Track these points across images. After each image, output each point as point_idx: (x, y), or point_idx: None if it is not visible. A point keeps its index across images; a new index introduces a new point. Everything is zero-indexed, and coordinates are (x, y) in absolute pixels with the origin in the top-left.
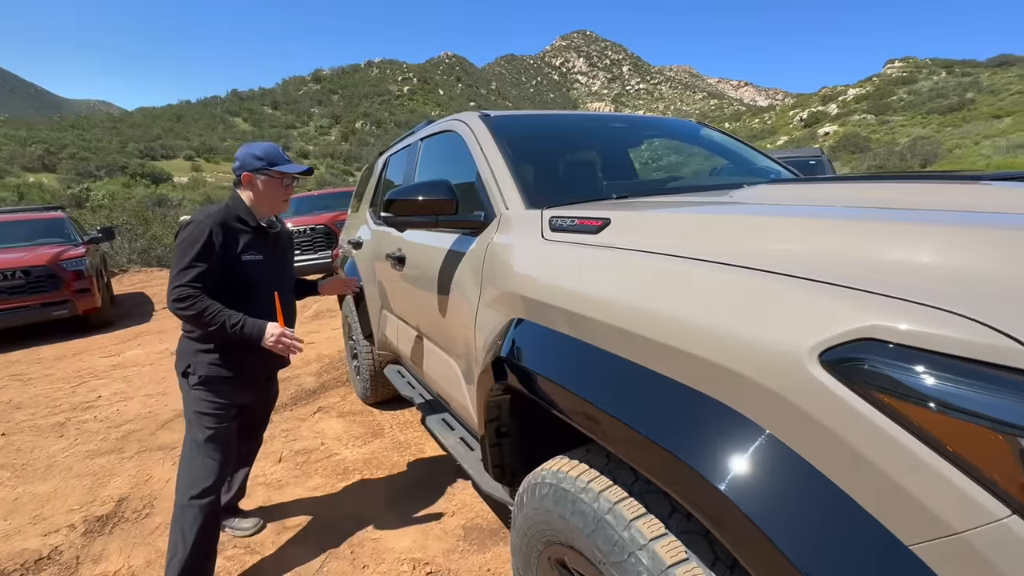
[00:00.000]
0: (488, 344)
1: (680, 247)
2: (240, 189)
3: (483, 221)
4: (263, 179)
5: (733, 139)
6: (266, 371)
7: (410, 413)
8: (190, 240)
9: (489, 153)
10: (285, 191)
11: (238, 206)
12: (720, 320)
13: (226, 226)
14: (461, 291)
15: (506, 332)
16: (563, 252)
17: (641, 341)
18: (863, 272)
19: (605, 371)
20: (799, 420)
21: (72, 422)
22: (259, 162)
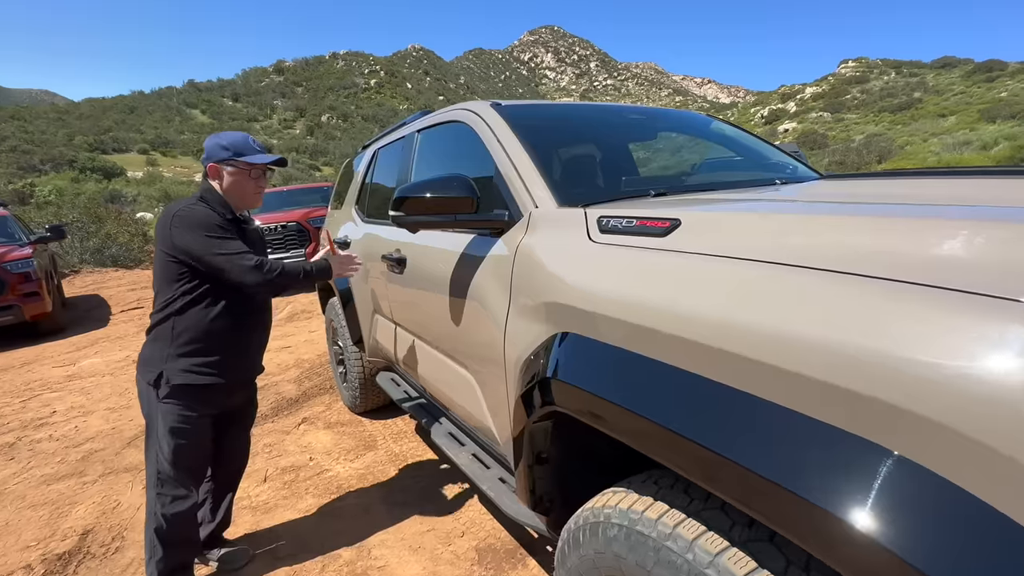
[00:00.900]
0: (523, 360)
1: (780, 252)
2: (211, 180)
3: (506, 220)
4: (230, 170)
5: (745, 133)
6: (248, 375)
7: (403, 422)
8: (204, 222)
9: (509, 146)
10: (255, 184)
11: (212, 197)
12: (863, 341)
13: (213, 214)
14: (481, 299)
15: (549, 348)
16: (622, 257)
17: (742, 363)
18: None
19: (697, 397)
20: (1004, 469)
21: (24, 442)
22: (225, 152)
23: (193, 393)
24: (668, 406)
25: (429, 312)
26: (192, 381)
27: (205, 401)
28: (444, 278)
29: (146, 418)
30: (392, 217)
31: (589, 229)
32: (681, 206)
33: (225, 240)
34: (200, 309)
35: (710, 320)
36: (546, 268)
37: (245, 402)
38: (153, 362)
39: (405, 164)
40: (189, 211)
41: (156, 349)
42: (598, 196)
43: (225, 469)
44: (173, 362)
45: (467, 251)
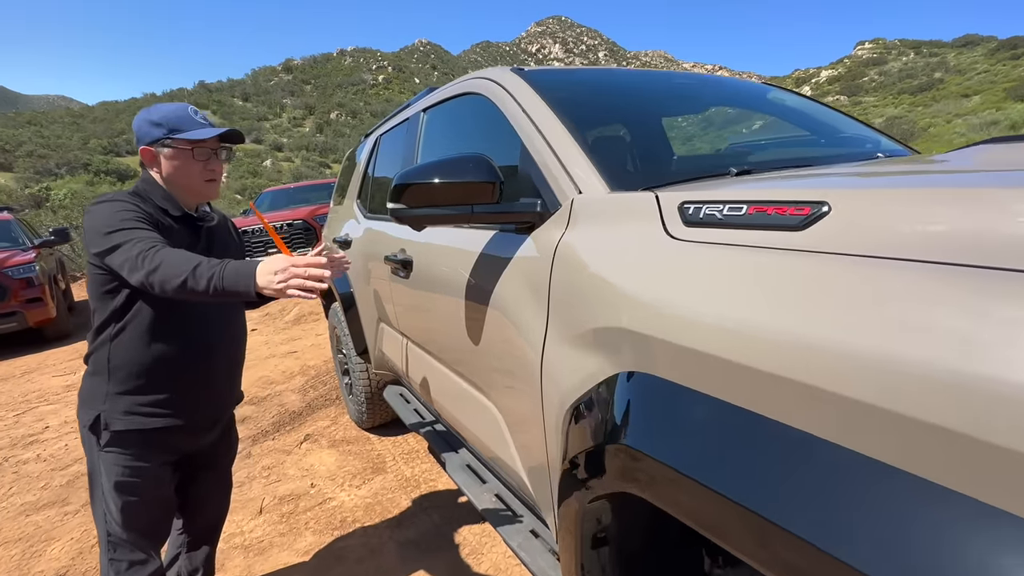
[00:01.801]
0: (569, 405)
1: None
2: (149, 170)
3: (538, 212)
4: (167, 152)
5: (812, 101)
6: (218, 411)
7: (415, 440)
8: (108, 215)
9: (540, 118)
10: (204, 168)
11: (152, 191)
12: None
13: (143, 210)
14: (508, 313)
15: (610, 394)
16: (729, 262)
17: (970, 447)
18: None
19: (892, 502)
20: None
21: (9, 463)
22: (157, 130)
23: (142, 439)
24: (834, 516)
25: (441, 325)
26: (139, 426)
27: (160, 447)
28: (457, 285)
29: (88, 467)
30: (391, 210)
31: (666, 220)
32: (813, 183)
33: (127, 231)
34: (141, 332)
35: (909, 371)
36: (601, 277)
37: (218, 441)
38: (91, 401)
39: (409, 150)
40: (96, 207)
41: (93, 385)
42: (660, 177)
43: (199, 522)
44: (113, 402)
45: (486, 252)
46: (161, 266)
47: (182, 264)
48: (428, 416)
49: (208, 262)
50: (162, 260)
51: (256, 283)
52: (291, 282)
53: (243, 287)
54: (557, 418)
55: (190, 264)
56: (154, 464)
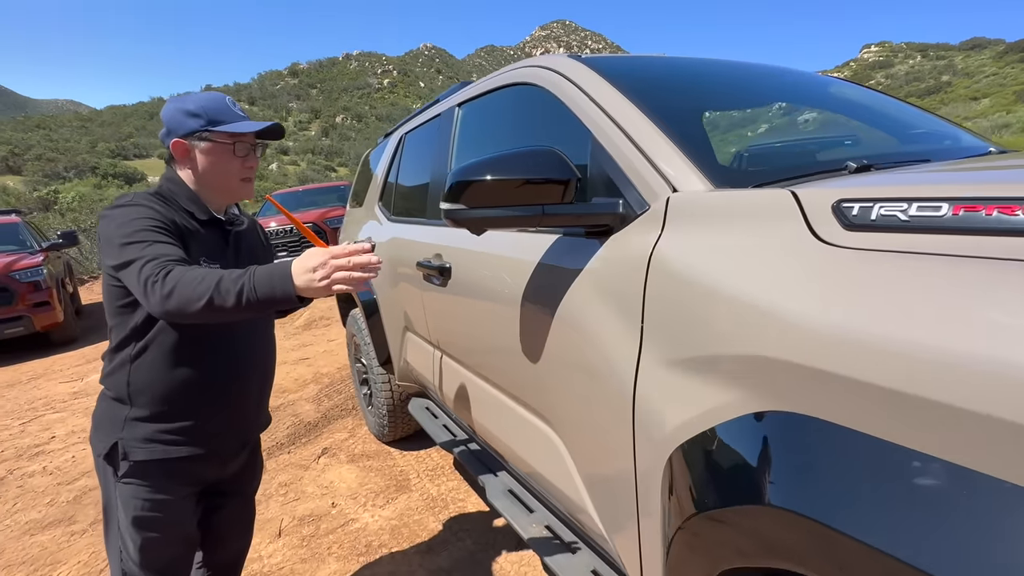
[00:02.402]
0: (679, 447)
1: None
2: (176, 167)
3: (621, 213)
4: (204, 146)
5: (886, 96)
6: (244, 437)
7: (438, 454)
8: (125, 222)
9: (616, 108)
10: (243, 164)
11: (177, 192)
12: None
13: (165, 213)
14: (579, 330)
15: (746, 436)
16: (930, 277)
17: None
18: None
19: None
20: None
21: (14, 476)
22: (195, 120)
23: (164, 470)
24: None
25: (486, 339)
26: (161, 455)
27: (183, 478)
28: (508, 296)
29: (103, 499)
30: (446, 212)
31: (813, 223)
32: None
33: (139, 245)
34: (165, 352)
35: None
36: (724, 292)
37: (243, 468)
38: (106, 427)
39: (442, 148)
40: (111, 212)
41: (111, 409)
42: (767, 173)
43: (220, 555)
44: (133, 428)
45: (546, 259)
46: (176, 290)
47: (201, 282)
48: (460, 433)
49: (230, 273)
50: (176, 283)
51: (294, 284)
52: (335, 276)
53: (280, 292)
54: (655, 460)
55: (211, 280)
56: (176, 497)
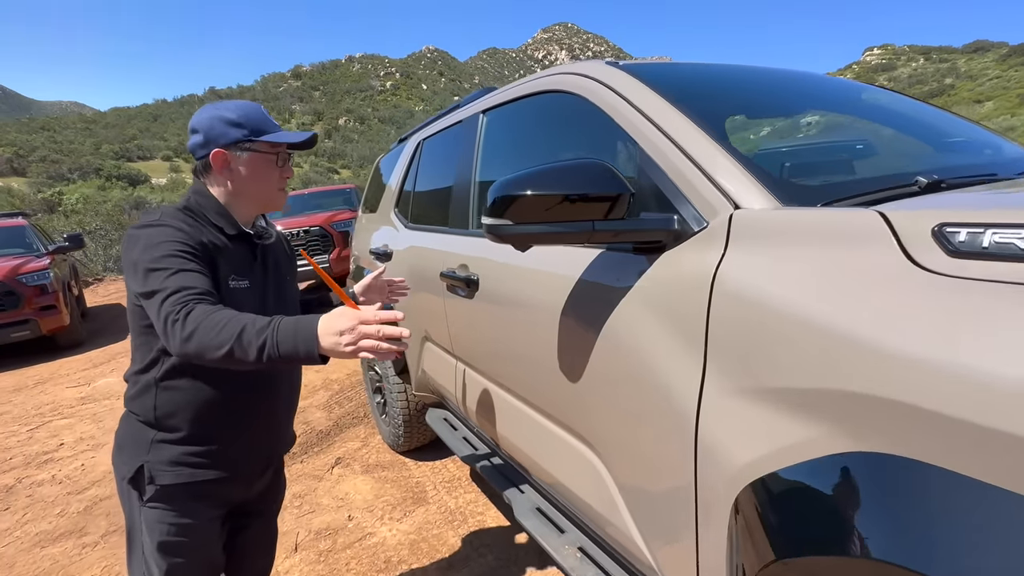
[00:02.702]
0: (741, 480)
1: None
2: (206, 179)
3: (676, 230)
4: (246, 157)
5: (921, 103)
6: (269, 459)
7: (454, 465)
8: (150, 246)
9: (667, 119)
10: (281, 174)
11: (206, 206)
12: None
13: (193, 231)
14: (630, 352)
15: (834, 476)
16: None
17: None
18: None
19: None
20: None
21: (23, 485)
22: (237, 131)
23: (191, 493)
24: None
25: (518, 355)
26: (188, 478)
27: (210, 501)
28: (545, 312)
29: (127, 523)
30: (489, 227)
31: (908, 247)
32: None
33: (162, 274)
34: (192, 373)
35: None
36: (807, 320)
37: (267, 488)
38: (131, 449)
39: (466, 155)
40: (138, 232)
41: (135, 431)
42: (839, 189)
43: (245, 574)
44: (158, 451)
45: (589, 276)
46: (196, 334)
47: (223, 329)
48: (480, 446)
49: (254, 323)
50: (196, 325)
51: (319, 345)
52: (362, 344)
53: (304, 352)
54: (721, 496)
55: (233, 328)
56: (203, 520)
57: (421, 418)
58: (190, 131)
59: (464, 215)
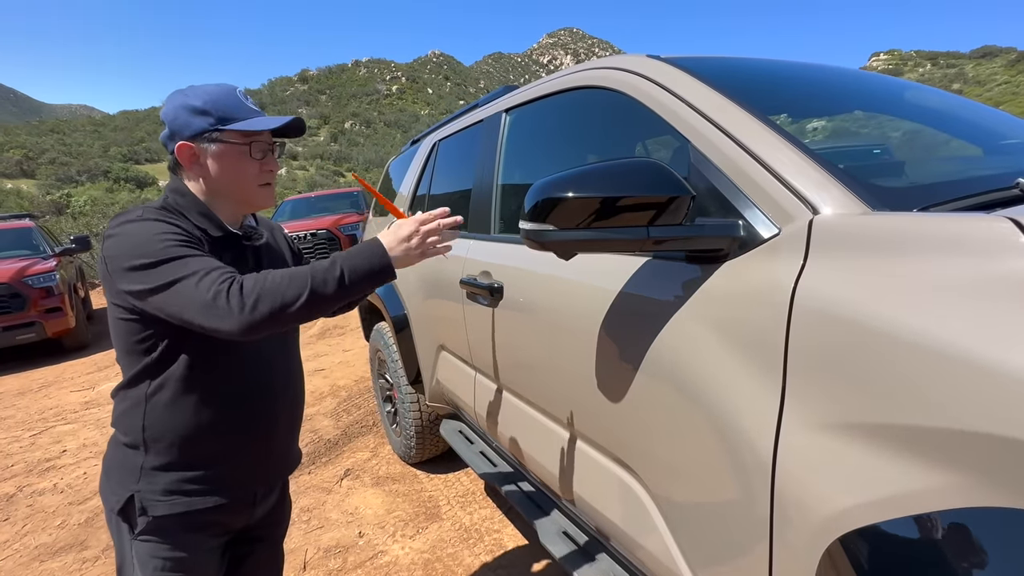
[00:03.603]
0: (835, 529)
1: None
2: (183, 175)
3: (741, 236)
4: (216, 149)
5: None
6: (272, 479)
7: (467, 477)
8: (140, 240)
9: (724, 114)
10: (261, 168)
11: (185, 205)
12: None
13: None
14: (686, 374)
15: (957, 538)
16: None
17: None
18: None
19: None
20: None
21: (24, 494)
22: (202, 119)
23: (187, 523)
24: None
25: (546, 369)
26: (184, 508)
27: (207, 531)
28: (582, 325)
29: (117, 557)
30: (528, 233)
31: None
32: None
33: (183, 260)
34: (185, 389)
35: None
36: (937, 348)
37: (272, 511)
38: (119, 477)
39: (487, 156)
40: (122, 229)
41: (123, 457)
42: (931, 192)
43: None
44: (150, 479)
45: (634, 287)
46: (263, 298)
47: (290, 282)
48: (499, 461)
49: (316, 266)
50: (259, 292)
51: (392, 260)
52: (430, 241)
53: (379, 266)
54: (806, 546)
55: (302, 277)
56: (201, 552)
57: (434, 429)
58: (161, 119)
59: (485, 219)
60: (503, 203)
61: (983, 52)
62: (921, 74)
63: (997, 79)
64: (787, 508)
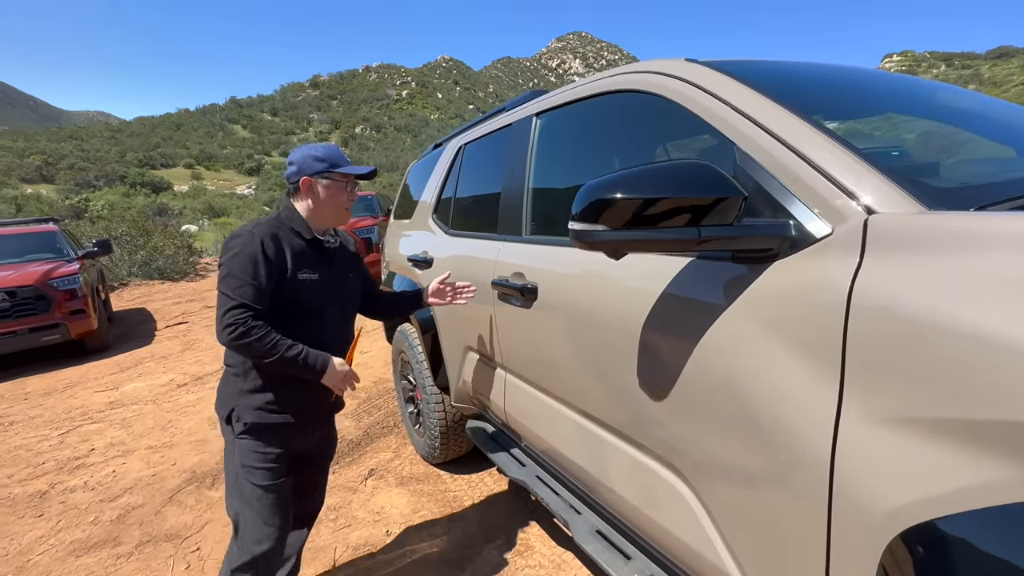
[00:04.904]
0: (896, 524)
1: None
2: (295, 199)
3: (792, 236)
4: (325, 183)
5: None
6: (324, 415)
7: (491, 478)
8: (239, 256)
9: (770, 116)
10: (349, 197)
11: (292, 217)
12: None
13: (277, 239)
14: (738, 373)
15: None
16: None
17: None
18: None
19: None
20: None
21: (56, 491)
22: (320, 164)
23: (268, 432)
24: None
25: (587, 370)
26: (265, 420)
27: (283, 440)
28: (625, 325)
29: (225, 449)
30: (577, 233)
31: None
32: None
33: (235, 277)
34: None
35: None
36: (1002, 343)
37: (322, 441)
38: (227, 396)
39: (517, 160)
40: (238, 237)
41: (230, 383)
42: (987, 192)
43: (297, 511)
44: (245, 399)
45: (679, 288)
46: (242, 348)
47: (270, 350)
48: (527, 461)
49: (288, 349)
50: (247, 342)
51: (323, 377)
52: (343, 383)
53: (314, 375)
54: (865, 542)
55: (278, 352)
56: (278, 452)
57: (459, 430)
58: (287, 163)
59: (516, 221)
60: (534, 205)
61: (999, 53)
62: (935, 75)
63: (1014, 80)
64: (846, 505)
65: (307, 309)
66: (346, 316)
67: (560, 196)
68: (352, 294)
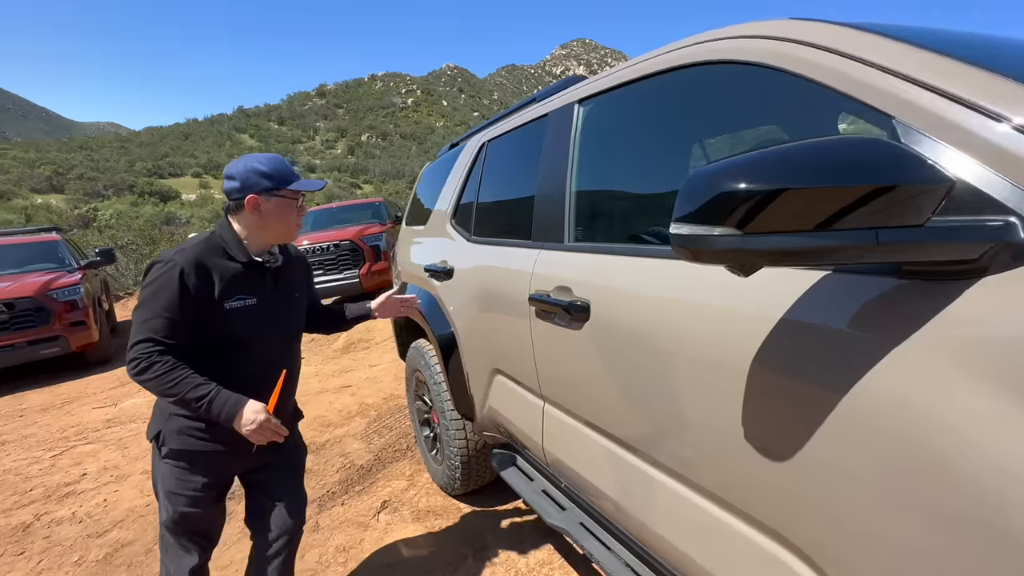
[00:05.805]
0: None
1: None
2: (234, 216)
3: (1006, 243)
4: (275, 202)
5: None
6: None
7: (517, 513)
8: (152, 286)
9: (952, 80)
10: (299, 213)
11: (226, 239)
12: None
13: (201, 265)
14: (916, 430)
15: None
16: None
17: None
18: None
19: None
20: None
21: (42, 523)
22: (267, 181)
23: (190, 458)
24: None
25: (667, 412)
26: (189, 447)
27: (208, 468)
28: (736, 362)
29: (152, 471)
30: (686, 239)
31: None
32: None
33: (148, 309)
34: (197, 362)
35: None
36: None
37: (279, 451)
38: (157, 416)
39: (556, 156)
40: (157, 264)
41: (162, 403)
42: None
43: (270, 530)
44: (172, 422)
45: (816, 310)
46: (148, 383)
47: (173, 386)
48: (568, 504)
49: (191, 387)
50: (151, 377)
51: (234, 423)
52: (261, 431)
53: (223, 422)
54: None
55: (181, 390)
56: (201, 482)
57: (482, 459)
58: (226, 176)
59: (557, 227)
60: (578, 208)
61: None
62: None
63: None
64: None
65: (238, 339)
66: (288, 342)
67: (614, 197)
68: (296, 317)
